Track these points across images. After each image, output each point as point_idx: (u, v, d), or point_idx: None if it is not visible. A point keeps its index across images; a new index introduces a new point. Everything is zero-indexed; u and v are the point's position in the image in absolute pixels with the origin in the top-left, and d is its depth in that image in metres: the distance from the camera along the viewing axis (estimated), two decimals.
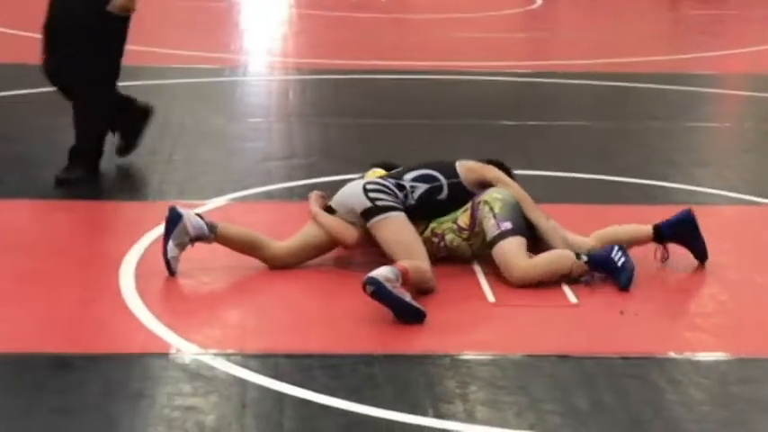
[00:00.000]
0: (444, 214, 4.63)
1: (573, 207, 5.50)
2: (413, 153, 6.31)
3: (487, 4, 13.17)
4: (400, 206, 4.50)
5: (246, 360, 3.72)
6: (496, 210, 4.54)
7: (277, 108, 7.75)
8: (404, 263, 4.18)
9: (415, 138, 6.84)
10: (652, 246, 4.72)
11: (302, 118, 7.33)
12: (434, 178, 4.63)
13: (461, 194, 4.64)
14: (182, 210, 4.43)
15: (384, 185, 4.55)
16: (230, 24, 11.22)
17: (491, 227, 4.52)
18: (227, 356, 3.73)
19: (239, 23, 11.39)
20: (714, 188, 5.87)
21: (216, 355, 3.74)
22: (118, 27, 5.68)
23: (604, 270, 4.48)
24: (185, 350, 3.77)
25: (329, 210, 4.63)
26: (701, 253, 4.72)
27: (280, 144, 6.76)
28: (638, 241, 4.72)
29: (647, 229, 4.74)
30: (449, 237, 4.62)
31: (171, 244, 4.38)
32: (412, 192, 4.58)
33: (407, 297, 4.03)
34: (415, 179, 4.62)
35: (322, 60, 9.34)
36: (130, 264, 4.55)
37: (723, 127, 7.49)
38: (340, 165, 6.07)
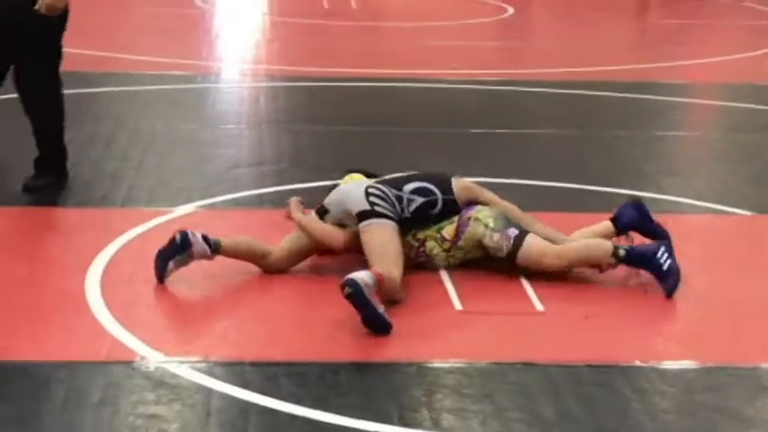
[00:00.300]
0: (431, 227, 4.68)
1: (541, 215, 5.49)
2: (384, 161, 6.32)
3: (460, 13, 13.20)
4: (395, 217, 4.53)
5: (212, 368, 3.70)
6: (492, 224, 4.60)
7: (248, 115, 7.74)
8: (380, 270, 4.18)
9: (385, 145, 6.84)
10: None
11: (273, 125, 7.32)
12: (431, 192, 4.67)
13: (452, 210, 4.70)
14: (192, 237, 4.38)
15: (385, 194, 4.58)
16: (203, 31, 11.19)
17: (499, 241, 4.57)
18: (193, 364, 3.72)
19: (212, 30, 11.37)
20: (682, 197, 5.90)
21: (181, 362, 3.72)
22: (52, 26, 5.55)
23: (647, 269, 4.55)
24: (150, 358, 3.75)
25: (321, 208, 4.63)
26: (660, 237, 4.77)
27: (250, 151, 6.74)
28: (606, 237, 4.80)
29: (607, 224, 4.84)
30: (429, 244, 4.64)
31: (171, 264, 4.37)
32: (409, 204, 4.62)
33: (381, 308, 4.02)
34: (413, 191, 4.65)
35: (294, 68, 9.33)
36: (97, 271, 4.53)
37: (692, 136, 7.54)
38: (310, 172, 6.07)
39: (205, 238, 4.43)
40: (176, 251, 4.39)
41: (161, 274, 4.38)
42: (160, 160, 6.33)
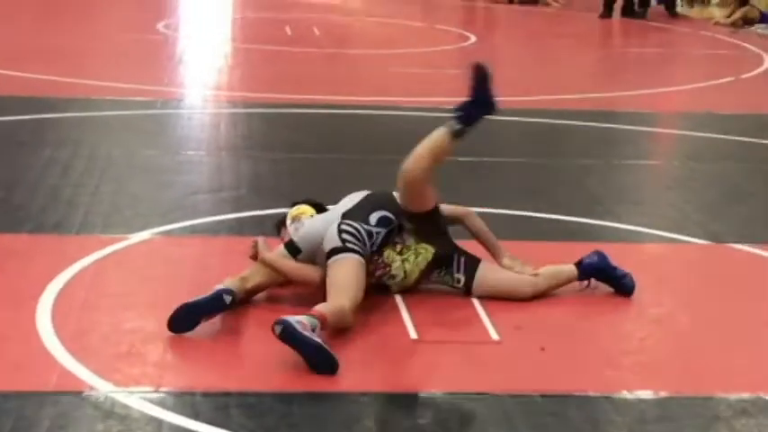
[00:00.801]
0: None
1: (501, 243, 5.51)
2: (343, 188, 6.29)
3: (423, 41, 13.26)
4: (364, 254, 4.54)
5: (162, 398, 3.66)
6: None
7: (208, 141, 7.71)
8: (323, 309, 4.13)
9: (346, 172, 6.83)
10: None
11: (233, 151, 7.30)
12: (391, 221, 4.70)
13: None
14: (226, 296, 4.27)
15: (358, 231, 4.58)
16: (165, 57, 11.15)
17: (451, 277, 4.70)
18: (143, 394, 3.67)
19: (174, 56, 11.33)
20: (637, 225, 5.92)
21: (131, 392, 3.68)
22: None
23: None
24: (100, 388, 3.70)
25: (291, 244, 4.61)
26: (625, 289, 4.80)
27: (209, 177, 6.71)
28: (569, 280, 4.84)
29: (571, 267, 4.85)
30: (386, 252, 4.66)
31: (203, 320, 4.22)
32: (377, 237, 4.63)
33: (321, 341, 3.94)
34: (378, 223, 4.65)
35: (255, 94, 9.32)
36: (49, 299, 4.47)
37: (650, 165, 7.59)
38: (269, 199, 6.04)
39: (225, 295, 4.29)
40: (215, 307, 4.24)
41: (186, 328, 4.19)
42: (117, 186, 6.28)
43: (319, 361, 3.88)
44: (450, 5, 16.67)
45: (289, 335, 3.89)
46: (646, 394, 3.92)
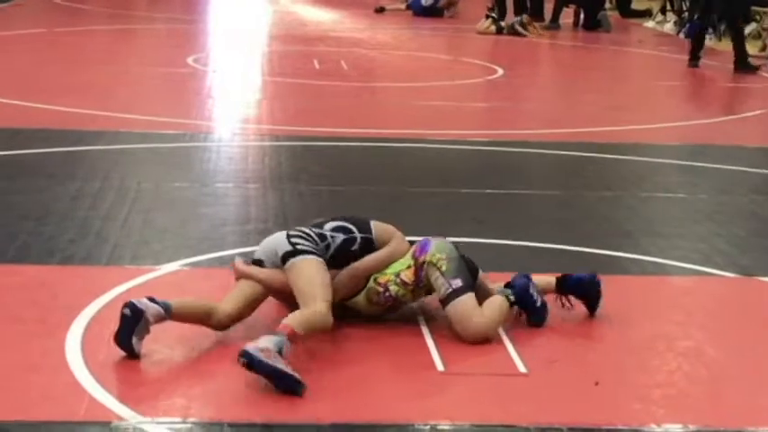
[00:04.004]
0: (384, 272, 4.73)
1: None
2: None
3: (450, 74, 13.30)
4: (319, 254, 4.62)
5: (189, 429, 3.67)
6: (443, 269, 4.63)
7: (236, 174, 7.75)
8: (290, 322, 4.22)
9: (373, 205, 6.85)
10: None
11: (260, 184, 7.33)
12: (350, 230, 4.77)
13: (369, 250, 4.77)
14: (140, 304, 4.29)
15: (306, 233, 4.71)
16: (193, 91, 11.24)
17: (441, 285, 4.62)
18: (170, 425, 3.69)
19: (202, 90, 11.42)
20: (665, 258, 5.90)
21: (158, 423, 3.69)
22: None
23: (523, 305, 4.74)
24: (128, 418, 3.72)
25: (258, 262, 4.71)
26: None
27: (236, 210, 6.75)
28: (544, 290, 4.88)
29: (551, 280, 4.93)
30: (393, 288, 4.69)
31: (134, 339, 4.26)
32: (333, 240, 4.71)
33: (284, 367, 3.99)
34: (333, 229, 4.75)
35: (283, 127, 9.37)
36: (79, 329, 4.51)
37: (677, 198, 7.56)
38: None
39: (153, 300, 4.35)
40: (131, 324, 4.25)
41: (133, 353, 4.24)
42: (146, 218, 6.33)
43: (284, 385, 3.98)
44: (475, 39, 16.73)
45: (254, 365, 3.99)
46: (674, 428, 3.89)
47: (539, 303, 4.77)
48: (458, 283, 4.60)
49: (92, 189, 6.86)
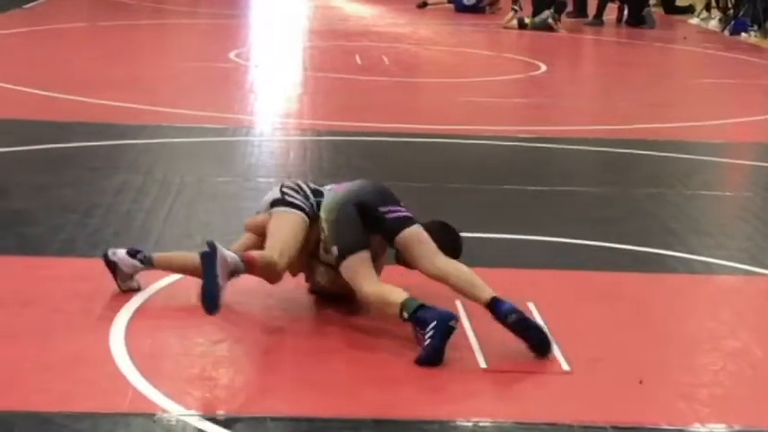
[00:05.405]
0: None
1: (571, 273, 5.48)
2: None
3: (492, 70, 13.25)
4: (307, 209, 4.73)
5: (233, 422, 3.67)
6: (326, 233, 4.63)
7: (277, 168, 7.76)
8: (255, 253, 4.42)
9: (414, 201, 6.79)
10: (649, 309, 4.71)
11: (302, 178, 7.28)
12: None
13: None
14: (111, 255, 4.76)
15: (299, 187, 4.87)
16: (235, 85, 11.27)
17: (329, 250, 4.62)
18: (214, 418, 3.69)
19: (244, 84, 11.45)
20: (712, 257, 5.83)
21: (203, 416, 3.70)
22: None
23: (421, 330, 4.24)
24: (172, 411, 3.73)
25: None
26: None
27: None
28: (472, 299, 4.46)
29: (485, 296, 4.39)
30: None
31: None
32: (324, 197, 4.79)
33: (223, 286, 4.24)
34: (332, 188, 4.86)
35: (325, 122, 9.37)
36: (123, 322, 4.53)
37: (723, 196, 7.48)
38: None
39: (131, 254, 4.78)
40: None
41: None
42: (189, 212, 6.35)
43: (208, 300, 4.24)
44: (518, 35, 16.64)
45: (208, 261, 4.27)
46: (719, 428, 3.85)
47: (427, 341, 4.19)
48: (334, 250, 4.53)
49: (135, 183, 6.90)
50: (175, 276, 5.10)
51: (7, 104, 9.27)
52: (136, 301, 4.77)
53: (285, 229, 4.62)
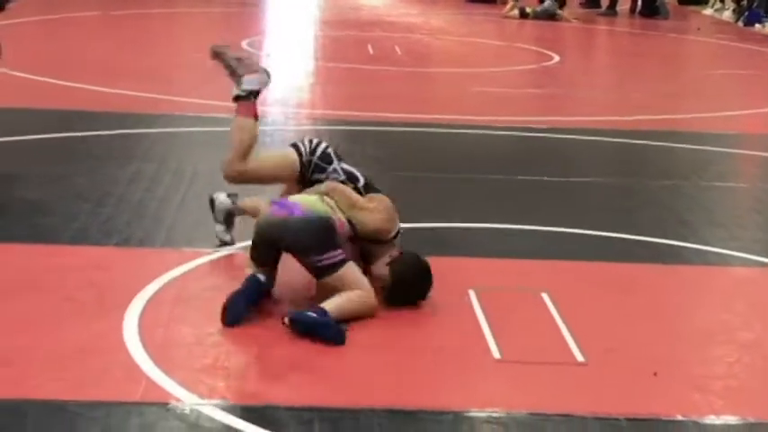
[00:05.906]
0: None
1: (585, 264, 5.47)
2: (425, 206, 6.31)
3: (504, 60, 13.22)
4: (302, 154, 5.15)
5: (247, 411, 3.67)
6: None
7: None
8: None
9: (426, 191, 6.82)
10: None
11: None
12: (356, 178, 5.13)
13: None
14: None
15: (309, 140, 5.26)
16: None
17: None
18: (228, 407, 3.69)
19: None
20: (726, 249, 5.81)
21: (216, 405, 3.70)
22: None
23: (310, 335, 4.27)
24: (185, 400, 3.73)
25: None
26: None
27: None
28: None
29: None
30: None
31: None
32: (328, 172, 5.14)
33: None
34: (338, 159, 5.20)
35: (337, 111, 9.36)
36: (136, 311, 4.53)
37: (738, 187, 7.45)
38: None
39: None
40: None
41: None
42: (202, 201, 6.33)
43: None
44: (531, 25, 16.60)
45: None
46: (734, 420, 3.83)
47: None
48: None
49: (148, 172, 6.90)
50: (189, 266, 5.11)
51: (21, 93, 9.28)
52: (149, 290, 4.76)
53: (272, 154, 5.28)
